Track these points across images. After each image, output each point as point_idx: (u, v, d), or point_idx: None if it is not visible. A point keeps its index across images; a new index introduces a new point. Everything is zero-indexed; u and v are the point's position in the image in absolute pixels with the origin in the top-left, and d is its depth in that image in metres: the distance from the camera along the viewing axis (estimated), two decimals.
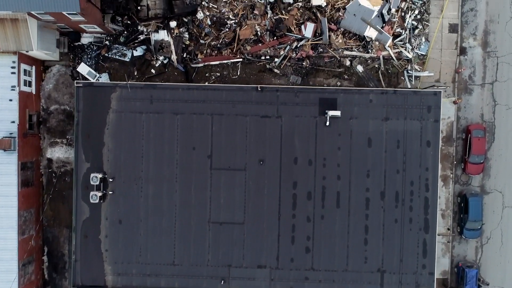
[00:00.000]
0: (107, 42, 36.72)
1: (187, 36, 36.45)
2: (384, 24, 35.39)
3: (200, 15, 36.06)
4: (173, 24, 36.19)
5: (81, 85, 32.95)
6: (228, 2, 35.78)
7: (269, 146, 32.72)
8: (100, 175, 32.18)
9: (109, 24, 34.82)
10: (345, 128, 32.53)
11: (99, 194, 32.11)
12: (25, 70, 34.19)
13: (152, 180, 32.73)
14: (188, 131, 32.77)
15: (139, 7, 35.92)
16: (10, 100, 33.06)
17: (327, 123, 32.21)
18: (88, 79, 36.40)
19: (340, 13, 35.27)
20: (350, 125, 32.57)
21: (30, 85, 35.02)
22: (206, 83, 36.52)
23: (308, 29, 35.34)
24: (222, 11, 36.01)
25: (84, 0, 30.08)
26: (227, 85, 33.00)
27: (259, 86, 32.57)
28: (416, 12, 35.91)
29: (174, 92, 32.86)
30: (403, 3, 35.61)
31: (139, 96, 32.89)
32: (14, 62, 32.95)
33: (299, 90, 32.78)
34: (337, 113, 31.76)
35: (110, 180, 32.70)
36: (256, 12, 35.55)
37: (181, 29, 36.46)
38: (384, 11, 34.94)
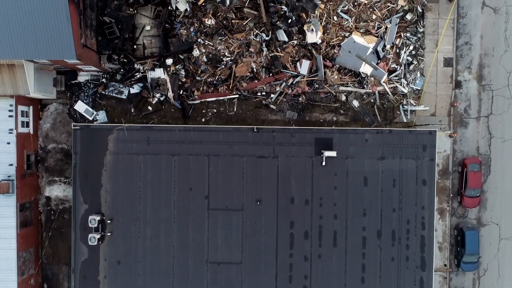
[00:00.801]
0: (104, 80, 36.91)
1: (184, 73, 36.64)
2: (379, 61, 35.57)
3: (196, 52, 36.25)
4: (169, 61, 36.39)
5: (78, 127, 33.19)
6: (223, 40, 35.94)
7: (266, 186, 32.95)
8: (98, 217, 32.43)
9: (105, 64, 35.02)
10: (341, 168, 32.74)
11: (98, 236, 32.35)
12: (22, 112, 34.40)
13: (150, 221, 32.97)
14: (185, 172, 33.00)
15: (135, 46, 36.11)
16: (8, 143, 33.26)
17: (323, 163, 32.42)
18: (85, 117, 36.71)
19: (335, 51, 35.45)
20: (346, 164, 32.77)
21: (27, 126, 35.22)
22: (203, 120, 36.82)
23: (304, 66, 35.52)
24: (218, 48, 36.19)
25: (80, 47, 30.35)
26: (223, 126, 33.21)
27: (255, 127, 32.80)
28: (411, 48, 36.07)
29: (170, 133, 33.10)
30: (398, 39, 35.77)
31: (136, 138, 33.11)
32: (11, 105, 33.16)
33: (295, 130, 33.00)
34: (333, 153, 31.96)
35: (108, 221, 32.93)
36: (251, 49, 35.72)
37: (177, 66, 36.64)
38: (379, 48, 35.13)
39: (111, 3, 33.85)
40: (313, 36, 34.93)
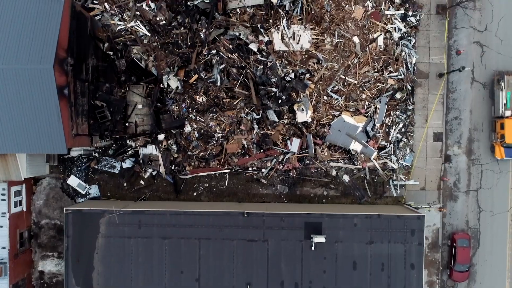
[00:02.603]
0: (96, 155, 37.23)
1: (175, 148, 36.96)
2: (368, 139, 35.86)
3: (187, 128, 36.55)
4: (161, 137, 36.72)
5: (70, 211, 33.45)
6: (215, 117, 36.23)
7: (256, 269, 33.26)
8: None
9: (97, 143, 35.32)
10: (330, 252, 33.06)
11: None
12: (15, 192, 34.69)
13: None
14: (176, 255, 33.30)
15: (127, 124, 36.36)
16: (1, 226, 33.56)
17: (313, 247, 32.71)
18: (78, 191, 37.07)
19: (325, 129, 35.73)
20: (335, 248, 33.09)
21: (20, 204, 35.52)
22: (195, 194, 37.21)
23: (294, 144, 35.84)
24: (209, 125, 36.48)
25: (71, 139, 30.64)
26: (214, 211, 33.44)
27: (245, 211, 33.07)
28: (401, 125, 36.38)
29: (162, 217, 33.39)
30: (388, 118, 36.07)
31: (127, 221, 33.39)
32: (4, 189, 33.48)
33: (284, 214, 33.27)
34: (322, 239, 32.24)
35: None
36: (242, 127, 36.02)
37: (169, 141, 36.96)
38: (369, 128, 35.42)
39: (102, 87, 34.09)
40: (303, 116, 35.22)
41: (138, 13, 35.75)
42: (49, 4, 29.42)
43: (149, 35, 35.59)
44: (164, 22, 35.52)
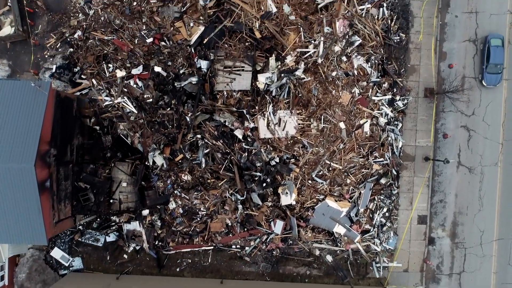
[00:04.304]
0: (80, 227, 37.24)
1: (159, 223, 36.94)
2: (352, 224, 35.85)
3: (172, 205, 36.54)
4: (145, 212, 36.70)
5: None
6: (199, 195, 36.22)
7: None
8: None
9: (81, 220, 35.33)
10: None
11: None
12: None
13: None
14: None
15: (111, 200, 36.33)
16: None
17: None
18: (61, 263, 37.09)
19: (309, 213, 35.72)
20: None
21: (2, 279, 35.54)
22: (178, 270, 37.25)
23: (278, 226, 35.83)
24: (194, 202, 36.47)
25: (51, 229, 30.66)
26: None
27: None
28: (385, 210, 36.36)
29: None
30: (372, 203, 36.04)
31: None
32: None
33: None
34: None
35: None
36: (226, 207, 36.01)
37: (153, 217, 36.95)
38: (352, 214, 35.42)
39: (86, 168, 34.08)
40: (288, 199, 35.21)
41: (125, 89, 35.74)
42: (33, 98, 29.43)
43: (136, 112, 35.56)
44: (151, 100, 35.50)
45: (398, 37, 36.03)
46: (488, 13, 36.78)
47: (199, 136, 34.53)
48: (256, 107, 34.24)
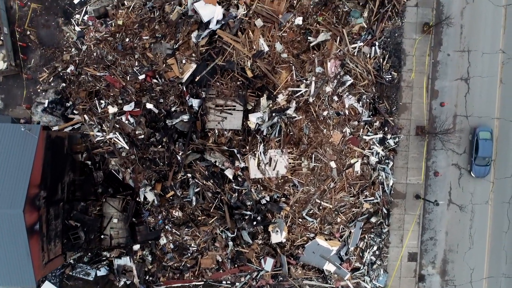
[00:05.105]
0: (71, 261, 37.28)
1: (150, 258, 37.02)
2: (342, 262, 35.93)
3: (163, 240, 36.62)
4: (136, 247, 36.78)
5: None
6: (190, 231, 36.29)
7: None
8: None
9: (71, 256, 35.40)
10: None
11: None
12: None
13: None
14: None
15: (102, 236, 36.40)
16: None
17: None
18: None
19: (299, 251, 35.80)
20: None
21: None
22: None
23: (268, 264, 35.93)
24: (185, 238, 36.55)
25: (41, 271, 30.74)
26: None
27: None
28: (375, 248, 36.45)
29: None
30: (362, 242, 36.12)
31: None
32: None
33: None
34: None
35: None
36: (217, 244, 36.09)
37: (144, 252, 37.03)
38: (342, 253, 35.51)
39: (77, 206, 34.14)
40: (278, 237, 35.29)
41: (117, 125, 35.80)
42: (23, 141, 29.48)
43: (128, 148, 35.62)
44: (143, 136, 35.55)
45: (390, 76, 36.07)
46: (481, 51, 36.85)
47: (189, 175, 34.57)
48: (247, 147, 34.29)
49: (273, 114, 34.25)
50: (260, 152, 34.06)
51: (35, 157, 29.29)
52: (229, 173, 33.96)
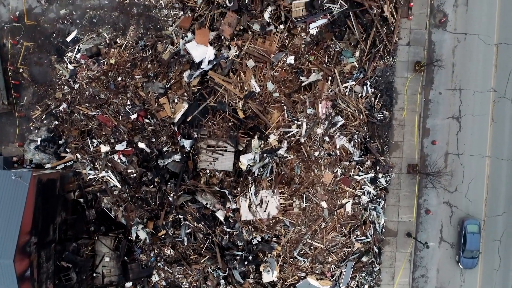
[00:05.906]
0: None
1: None
2: None
3: (155, 278, 36.74)
4: (128, 284, 36.92)
5: None
6: (182, 269, 36.41)
7: None
8: None
9: None
10: None
11: None
12: None
13: None
14: None
15: (94, 274, 36.52)
16: None
17: None
18: None
19: None
20: None
21: None
22: None
23: None
24: (177, 276, 36.67)
25: None
26: None
27: None
28: (366, 287, 36.58)
29: None
30: (353, 281, 36.26)
31: None
32: None
33: None
34: None
35: None
36: (209, 283, 36.21)
37: None
38: None
39: (69, 246, 34.23)
40: (269, 276, 35.42)
41: (109, 164, 35.91)
42: (13, 189, 29.58)
43: (120, 186, 35.73)
44: (135, 175, 35.67)
45: (382, 115, 36.16)
46: (472, 90, 36.95)
47: (181, 216, 34.69)
48: (238, 188, 34.38)
49: (265, 155, 34.35)
50: (252, 193, 34.16)
51: (25, 204, 29.40)
52: (220, 215, 34.08)
